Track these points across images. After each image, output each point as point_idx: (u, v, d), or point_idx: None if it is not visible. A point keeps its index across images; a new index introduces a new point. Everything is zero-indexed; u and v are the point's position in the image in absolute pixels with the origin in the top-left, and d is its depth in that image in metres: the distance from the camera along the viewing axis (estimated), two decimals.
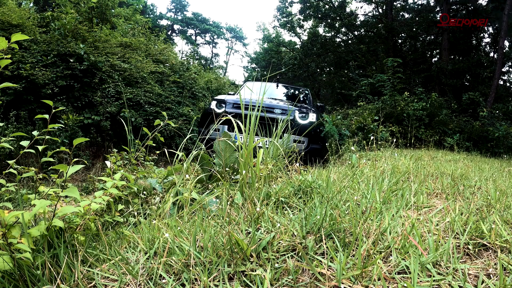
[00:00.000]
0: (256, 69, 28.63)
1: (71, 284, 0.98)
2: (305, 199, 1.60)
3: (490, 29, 14.41)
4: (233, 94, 5.60)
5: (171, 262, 1.02)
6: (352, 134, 6.46)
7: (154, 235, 1.23)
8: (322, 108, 5.87)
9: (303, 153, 2.85)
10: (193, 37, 38.39)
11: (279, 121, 3.70)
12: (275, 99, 5.27)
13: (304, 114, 4.43)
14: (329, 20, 17.36)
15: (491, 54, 14.61)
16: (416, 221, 1.19)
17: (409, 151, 5.25)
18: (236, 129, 2.25)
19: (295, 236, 1.13)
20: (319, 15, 17.21)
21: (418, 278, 0.87)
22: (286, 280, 0.92)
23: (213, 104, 4.57)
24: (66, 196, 1.74)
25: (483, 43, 15.08)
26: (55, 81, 6.29)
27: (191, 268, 0.98)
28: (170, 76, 8.78)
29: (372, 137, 2.50)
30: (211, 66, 29.95)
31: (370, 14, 17.03)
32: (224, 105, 4.47)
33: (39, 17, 7.91)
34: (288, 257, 1.01)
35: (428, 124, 7.72)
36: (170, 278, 0.97)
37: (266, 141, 3.61)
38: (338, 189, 1.65)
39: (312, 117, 4.43)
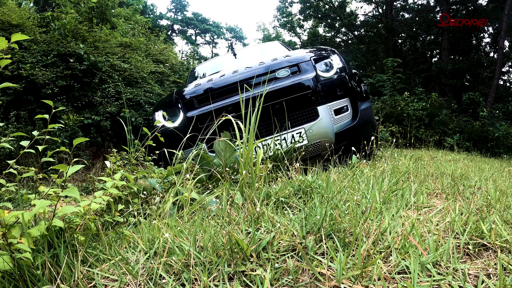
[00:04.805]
0: None
1: (71, 284, 0.98)
2: (305, 199, 1.60)
3: (490, 29, 14.43)
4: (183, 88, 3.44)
5: (171, 262, 1.02)
6: None
7: (154, 235, 1.23)
8: None
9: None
10: (193, 37, 38.43)
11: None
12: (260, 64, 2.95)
13: (325, 60, 2.73)
14: (329, 20, 17.40)
15: (491, 54, 14.63)
16: (416, 221, 1.19)
17: (409, 151, 5.24)
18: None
19: (295, 236, 1.13)
20: (319, 15, 17.25)
21: (418, 278, 0.87)
22: (286, 280, 0.92)
23: (158, 115, 3.02)
24: (66, 196, 1.74)
25: (483, 43, 15.11)
26: (55, 81, 6.29)
27: (191, 268, 0.98)
28: (170, 76, 8.78)
29: (372, 137, 2.50)
30: None
31: (370, 14, 17.05)
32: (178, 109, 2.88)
33: (39, 17, 7.91)
34: (288, 257, 1.01)
35: (428, 124, 7.73)
36: (170, 278, 0.97)
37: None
38: (338, 189, 1.65)
39: (337, 61, 2.79)
